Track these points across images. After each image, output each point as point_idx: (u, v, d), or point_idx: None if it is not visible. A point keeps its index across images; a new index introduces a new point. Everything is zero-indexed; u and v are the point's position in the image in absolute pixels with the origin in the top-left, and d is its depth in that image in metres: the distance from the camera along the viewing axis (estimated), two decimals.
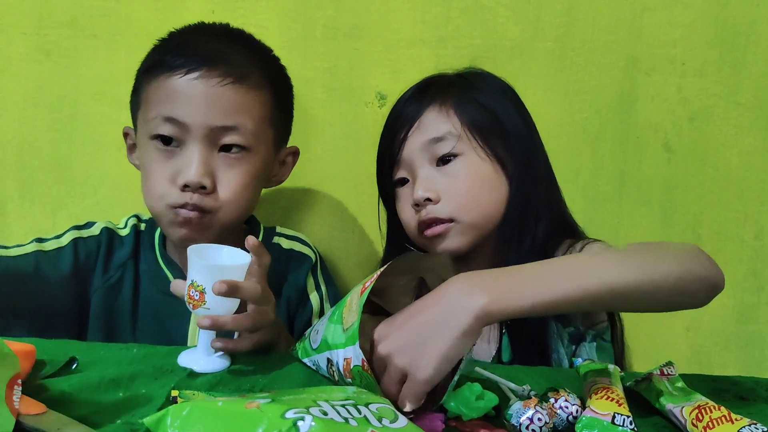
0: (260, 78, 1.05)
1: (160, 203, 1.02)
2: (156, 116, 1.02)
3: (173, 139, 1.01)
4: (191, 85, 1.00)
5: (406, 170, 1.10)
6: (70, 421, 0.69)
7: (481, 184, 1.07)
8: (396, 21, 1.27)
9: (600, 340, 1.09)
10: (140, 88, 1.07)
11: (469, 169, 1.07)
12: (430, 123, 1.08)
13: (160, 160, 1.02)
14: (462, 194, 1.06)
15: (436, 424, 0.75)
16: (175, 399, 0.75)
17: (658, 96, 1.28)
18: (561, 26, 1.27)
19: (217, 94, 1.01)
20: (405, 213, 1.11)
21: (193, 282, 0.84)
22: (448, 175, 1.07)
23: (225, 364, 0.87)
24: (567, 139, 1.30)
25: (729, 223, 1.31)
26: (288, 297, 1.13)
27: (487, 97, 1.10)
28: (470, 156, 1.07)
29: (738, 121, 1.28)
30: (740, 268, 1.32)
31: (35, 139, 1.31)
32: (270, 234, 1.18)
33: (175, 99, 1.01)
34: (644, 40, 1.27)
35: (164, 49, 1.07)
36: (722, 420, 0.72)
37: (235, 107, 1.02)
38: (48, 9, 1.27)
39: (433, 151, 1.07)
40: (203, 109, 1.00)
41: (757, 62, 1.27)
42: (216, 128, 1.01)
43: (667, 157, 1.30)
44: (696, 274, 0.85)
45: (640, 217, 1.32)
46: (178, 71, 1.01)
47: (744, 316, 1.33)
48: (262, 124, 1.06)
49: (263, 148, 1.07)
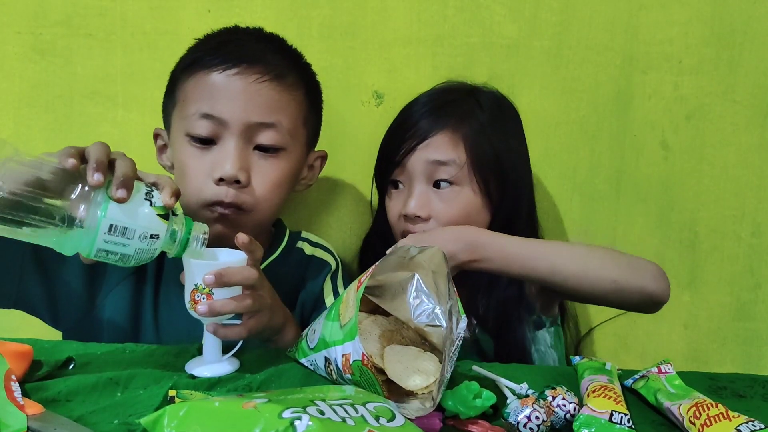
0: (296, 78, 1.07)
1: (197, 198, 1.02)
2: (195, 112, 1.02)
3: (211, 138, 1.02)
4: (230, 81, 1.01)
5: (404, 176, 1.16)
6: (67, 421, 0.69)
7: (467, 215, 1.13)
8: (392, 19, 1.27)
9: (556, 326, 1.21)
10: (176, 87, 1.07)
11: (461, 200, 1.13)
12: (440, 146, 1.13)
13: (196, 155, 1.03)
14: (448, 221, 1.12)
15: (434, 422, 0.75)
16: (172, 399, 0.75)
17: (655, 94, 1.28)
18: (557, 25, 1.27)
19: (256, 90, 1.02)
20: (392, 214, 1.18)
21: (197, 286, 0.84)
22: (442, 199, 1.13)
23: (234, 367, 0.87)
24: (564, 137, 1.30)
25: (726, 221, 1.31)
26: (303, 302, 1.13)
27: (497, 132, 1.16)
28: (465, 188, 1.13)
29: (735, 119, 1.28)
30: (737, 265, 1.32)
31: (31, 139, 1.30)
32: (295, 238, 1.19)
33: (213, 95, 1.02)
34: (641, 38, 1.27)
35: (202, 48, 1.07)
36: (720, 417, 0.73)
37: (273, 105, 1.03)
38: (43, 8, 1.26)
39: (433, 172, 1.13)
40: (241, 104, 1.01)
41: (754, 60, 1.27)
42: (253, 124, 1.02)
43: (664, 155, 1.30)
44: (633, 282, 1.01)
45: (637, 215, 1.32)
46: (216, 68, 1.02)
47: (741, 313, 1.33)
48: (298, 124, 1.07)
49: (298, 148, 1.08)
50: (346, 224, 1.34)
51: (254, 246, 0.89)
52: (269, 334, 0.96)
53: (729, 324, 1.34)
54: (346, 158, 1.31)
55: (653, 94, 1.28)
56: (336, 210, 1.33)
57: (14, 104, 1.29)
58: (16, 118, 1.29)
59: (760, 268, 1.32)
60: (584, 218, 1.32)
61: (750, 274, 1.32)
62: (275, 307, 0.94)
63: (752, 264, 1.32)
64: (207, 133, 1.02)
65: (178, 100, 1.06)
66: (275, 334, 0.96)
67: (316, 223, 1.34)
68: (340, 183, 1.32)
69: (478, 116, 1.16)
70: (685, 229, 1.32)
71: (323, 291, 1.14)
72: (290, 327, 0.99)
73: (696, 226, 1.32)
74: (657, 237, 1.32)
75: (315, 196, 1.33)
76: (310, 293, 1.14)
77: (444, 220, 1.12)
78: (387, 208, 1.19)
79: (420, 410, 0.74)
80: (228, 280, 0.84)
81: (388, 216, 1.19)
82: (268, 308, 0.92)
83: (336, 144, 1.29)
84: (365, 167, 1.29)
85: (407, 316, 0.87)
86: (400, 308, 0.88)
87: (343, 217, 1.34)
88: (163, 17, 1.26)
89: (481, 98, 1.18)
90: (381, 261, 0.81)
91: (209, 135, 1.02)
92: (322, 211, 1.34)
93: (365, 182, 1.30)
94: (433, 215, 1.13)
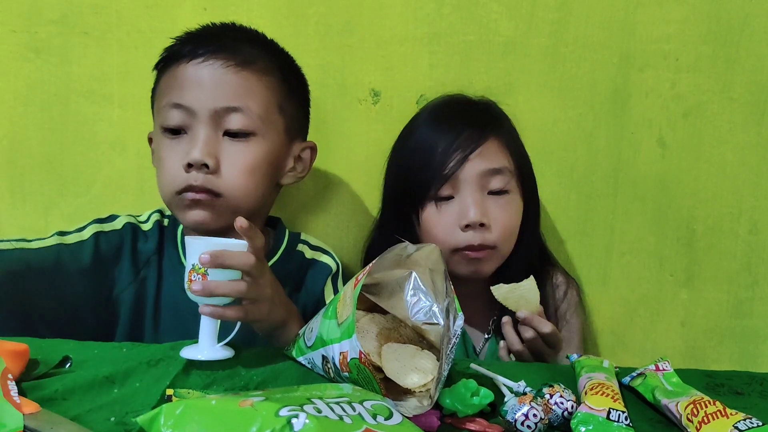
0: (267, 64, 1.07)
1: (170, 188, 1.04)
2: (166, 104, 1.05)
3: (182, 128, 1.04)
4: (197, 70, 1.03)
5: (454, 189, 1.13)
6: (63, 420, 0.68)
7: (518, 221, 1.17)
8: (388, 17, 1.27)
9: None
10: (155, 83, 1.10)
11: (514, 205, 1.16)
12: (492, 154, 1.14)
13: (170, 147, 1.05)
14: (507, 227, 1.15)
15: (432, 420, 0.75)
16: (169, 398, 0.74)
17: (652, 92, 1.28)
18: (554, 22, 1.27)
19: (221, 75, 1.03)
20: (442, 229, 1.13)
21: (194, 266, 0.85)
22: (498, 206, 1.14)
23: (228, 353, 0.87)
24: (561, 135, 1.30)
25: (723, 218, 1.31)
26: (304, 305, 1.13)
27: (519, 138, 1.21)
28: (515, 193, 1.16)
29: (732, 117, 1.28)
30: (734, 262, 1.32)
31: (26, 138, 1.30)
32: (295, 240, 1.19)
33: (182, 86, 1.04)
34: (638, 36, 1.27)
35: (175, 43, 1.09)
36: (717, 415, 0.72)
37: (240, 89, 1.04)
38: (38, 6, 1.26)
39: (487, 181, 1.13)
40: (207, 92, 1.03)
41: (751, 57, 1.27)
42: (220, 110, 1.03)
43: (661, 152, 1.30)
44: None
45: (634, 212, 1.32)
46: (185, 59, 1.04)
47: (738, 310, 1.33)
48: (270, 110, 1.07)
49: (272, 134, 1.08)
50: (343, 222, 1.34)
51: (253, 232, 0.89)
52: (269, 328, 0.95)
53: (726, 321, 1.34)
54: (342, 156, 1.30)
55: (650, 91, 1.28)
56: (333, 208, 1.33)
57: (9, 103, 1.29)
58: (11, 117, 1.29)
59: (757, 266, 1.32)
60: (581, 216, 1.32)
61: (747, 272, 1.32)
62: (277, 300, 0.94)
63: (749, 261, 1.32)
64: (177, 123, 1.04)
65: (155, 95, 1.10)
66: (276, 328, 0.96)
67: (312, 221, 1.33)
68: (336, 181, 1.32)
69: (509, 125, 1.20)
70: (682, 227, 1.32)
71: (324, 294, 1.14)
72: (294, 324, 0.98)
73: (693, 224, 1.32)
74: (654, 235, 1.32)
75: (311, 195, 1.32)
76: (311, 296, 1.14)
77: (501, 227, 1.13)
78: (430, 224, 1.14)
79: (418, 408, 0.74)
80: (223, 261, 0.85)
81: (429, 232, 1.15)
82: (268, 299, 0.91)
83: (332, 142, 1.29)
84: (362, 165, 1.29)
85: (404, 314, 0.87)
86: (397, 306, 0.87)
87: (340, 215, 1.33)
88: (158, 16, 1.26)
89: (495, 107, 1.22)
90: (378, 259, 0.80)
91: (179, 125, 1.04)
92: (318, 210, 1.33)
93: (362, 180, 1.30)
94: (492, 222, 1.13)
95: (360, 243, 1.32)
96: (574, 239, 1.33)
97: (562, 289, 1.24)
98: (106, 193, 1.31)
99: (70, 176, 1.31)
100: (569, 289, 1.24)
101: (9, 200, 1.31)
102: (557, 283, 1.24)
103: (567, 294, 1.24)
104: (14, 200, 1.31)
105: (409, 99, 1.28)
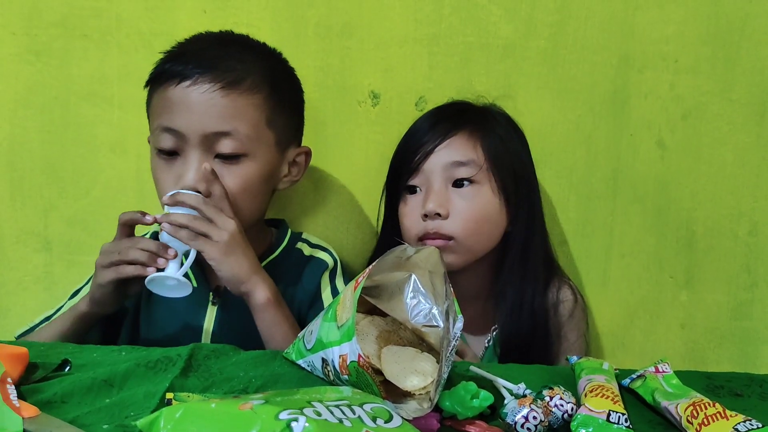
0: (256, 81, 1.07)
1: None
2: (157, 127, 1.06)
3: (175, 150, 1.05)
4: (185, 94, 1.03)
5: (421, 180, 1.16)
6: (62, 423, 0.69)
7: (487, 215, 1.15)
8: (388, 19, 1.27)
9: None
10: (148, 100, 1.11)
11: (480, 198, 1.15)
12: (459, 146, 1.15)
13: (164, 167, 1.07)
14: (468, 218, 1.13)
15: (432, 423, 0.75)
16: (169, 401, 0.74)
17: (651, 93, 1.28)
18: (553, 24, 1.27)
19: (208, 100, 1.03)
20: (408, 219, 1.17)
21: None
22: (461, 197, 1.14)
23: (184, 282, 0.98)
24: (560, 137, 1.30)
25: (723, 220, 1.31)
26: (300, 301, 1.15)
27: (507, 136, 1.19)
28: (484, 187, 1.15)
29: (731, 118, 1.28)
30: (734, 264, 1.32)
31: (26, 141, 1.30)
32: (295, 239, 1.21)
33: (171, 109, 1.04)
34: (637, 38, 1.27)
35: (165, 60, 1.09)
36: (717, 416, 0.73)
37: (227, 113, 1.04)
38: (38, 9, 1.26)
39: (452, 173, 1.14)
40: (196, 116, 1.03)
41: (750, 58, 1.27)
42: (210, 134, 1.03)
43: (660, 154, 1.30)
44: None
45: (634, 214, 1.32)
46: (172, 81, 1.04)
47: (738, 312, 1.33)
48: (260, 127, 1.07)
49: (263, 151, 1.08)
50: (342, 223, 1.34)
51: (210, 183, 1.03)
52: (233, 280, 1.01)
53: (726, 323, 1.34)
54: (341, 158, 1.30)
55: (649, 93, 1.28)
56: (332, 209, 1.33)
57: (10, 106, 1.29)
58: (11, 119, 1.29)
59: (756, 267, 1.32)
60: (581, 218, 1.32)
61: (747, 273, 1.32)
62: (240, 254, 1.01)
63: (749, 263, 1.32)
64: (170, 147, 1.05)
65: (149, 114, 1.11)
66: (241, 283, 1.01)
67: (312, 223, 1.33)
68: (336, 182, 1.32)
69: (493, 123, 1.19)
70: (681, 229, 1.32)
71: (320, 288, 1.16)
72: (261, 286, 1.02)
73: (693, 226, 1.31)
74: (654, 236, 1.32)
75: (311, 196, 1.32)
76: (307, 291, 1.15)
77: (464, 217, 1.13)
78: (401, 215, 1.18)
79: (417, 411, 0.74)
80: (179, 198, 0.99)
81: (401, 222, 1.18)
82: (224, 243, 0.99)
83: (332, 144, 1.29)
84: (361, 167, 1.29)
85: (404, 317, 0.87)
86: (397, 309, 0.87)
87: (340, 216, 1.33)
88: (158, 18, 1.26)
89: (494, 111, 1.23)
90: (378, 261, 0.80)
91: (172, 148, 1.05)
92: (318, 211, 1.33)
93: (360, 182, 1.30)
94: (453, 213, 1.13)
95: (360, 243, 1.32)
96: (574, 241, 1.33)
97: (567, 307, 1.21)
98: (106, 196, 1.31)
99: (70, 179, 1.31)
100: (576, 310, 1.22)
101: (9, 202, 1.31)
102: (563, 298, 1.22)
103: (573, 314, 1.21)
104: (14, 202, 1.31)
105: (408, 101, 1.28)
